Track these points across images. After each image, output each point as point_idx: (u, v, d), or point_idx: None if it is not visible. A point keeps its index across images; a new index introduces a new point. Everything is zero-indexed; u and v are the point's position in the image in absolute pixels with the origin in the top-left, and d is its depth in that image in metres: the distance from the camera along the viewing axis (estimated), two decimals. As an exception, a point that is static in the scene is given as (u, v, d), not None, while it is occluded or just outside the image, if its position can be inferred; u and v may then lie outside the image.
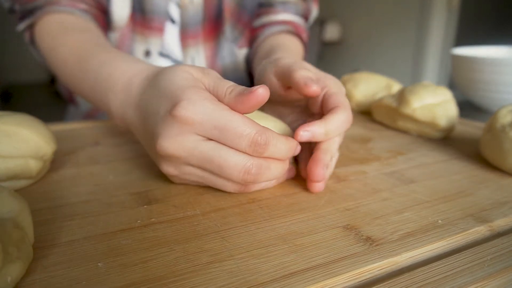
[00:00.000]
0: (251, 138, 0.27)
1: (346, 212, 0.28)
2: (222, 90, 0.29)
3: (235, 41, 0.64)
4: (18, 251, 0.21)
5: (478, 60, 0.59)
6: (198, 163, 0.29)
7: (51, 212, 0.28)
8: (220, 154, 0.28)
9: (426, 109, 0.45)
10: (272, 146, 0.28)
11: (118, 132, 0.49)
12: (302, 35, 0.65)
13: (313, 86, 0.31)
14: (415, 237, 0.25)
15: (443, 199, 0.31)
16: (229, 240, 0.25)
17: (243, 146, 0.27)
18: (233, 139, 0.27)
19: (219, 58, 0.65)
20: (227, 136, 0.27)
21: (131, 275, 0.21)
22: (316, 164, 0.31)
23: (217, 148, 0.28)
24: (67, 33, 0.47)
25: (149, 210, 0.29)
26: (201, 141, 0.28)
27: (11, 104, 3.79)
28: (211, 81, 0.30)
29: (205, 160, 0.28)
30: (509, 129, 0.35)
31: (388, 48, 2.82)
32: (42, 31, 0.50)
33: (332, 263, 0.22)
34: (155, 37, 0.60)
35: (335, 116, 0.31)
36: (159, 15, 0.59)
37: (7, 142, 0.31)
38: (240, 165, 0.28)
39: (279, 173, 0.30)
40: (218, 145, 0.28)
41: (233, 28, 0.63)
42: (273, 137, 0.28)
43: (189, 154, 0.28)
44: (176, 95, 0.28)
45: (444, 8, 2.47)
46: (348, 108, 0.32)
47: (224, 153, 0.28)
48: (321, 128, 0.30)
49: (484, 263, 0.23)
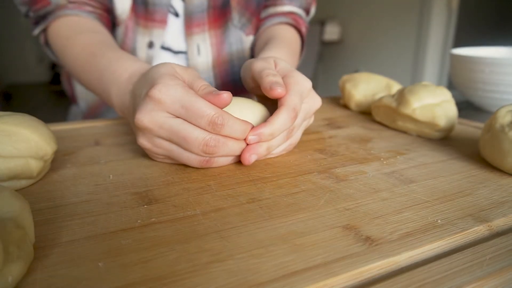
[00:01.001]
0: (210, 118, 0.32)
1: (346, 212, 0.28)
2: (196, 86, 0.35)
3: (242, 28, 0.66)
4: (19, 251, 0.21)
5: (477, 60, 0.60)
6: (167, 135, 0.34)
7: (51, 212, 0.28)
8: (185, 127, 0.33)
9: (425, 109, 0.45)
10: (228, 127, 0.33)
11: (118, 132, 0.49)
12: (301, 28, 0.68)
13: (277, 89, 0.36)
14: (414, 237, 0.25)
15: (442, 199, 0.31)
16: (229, 240, 0.25)
17: (203, 124, 0.33)
18: (196, 118, 0.33)
19: (226, 45, 0.66)
20: (191, 114, 0.33)
21: (131, 274, 0.21)
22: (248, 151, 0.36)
23: (183, 124, 0.33)
24: (79, 34, 0.53)
25: (149, 210, 0.29)
26: (170, 117, 0.33)
27: (11, 104, 3.79)
28: (190, 77, 0.37)
29: (172, 133, 0.33)
30: (508, 129, 0.35)
31: (388, 48, 2.82)
32: (55, 33, 0.56)
33: (332, 263, 0.22)
34: (158, 29, 0.61)
35: (278, 117, 0.35)
36: (161, 7, 0.60)
37: (8, 142, 0.31)
38: (201, 138, 0.33)
39: (235, 149, 0.35)
40: (184, 121, 0.33)
41: (241, 15, 0.65)
42: (229, 119, 0.33)
43: (159, 128, 0.34)
44: (155, 80, 0.34)
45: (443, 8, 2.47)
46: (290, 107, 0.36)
47: (188, 127, 0.33)
48: (267, 129, 0.35)
49: (483, 262, 0.23)
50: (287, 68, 0.40)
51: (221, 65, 0.66)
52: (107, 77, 0.46)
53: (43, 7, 0.55)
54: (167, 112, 0.33)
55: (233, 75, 0.68)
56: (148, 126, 0.34)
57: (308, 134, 0.48)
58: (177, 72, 0.36)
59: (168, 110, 0.33)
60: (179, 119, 0.33)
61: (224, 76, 0.67)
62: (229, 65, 0.67)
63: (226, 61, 0.67)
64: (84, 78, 0.52)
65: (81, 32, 0.53)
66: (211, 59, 0.65)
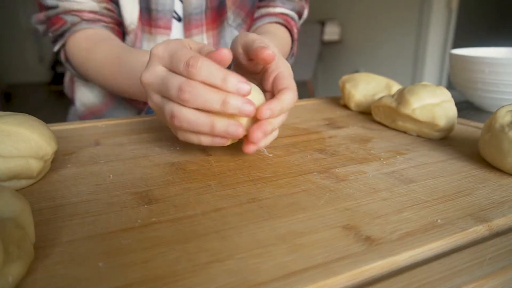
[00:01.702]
0: (185, 61, 0.32)
1: (346, 212, 0.28)
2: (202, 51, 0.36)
3: (237, 28, 0.67)
4: (19, 251, 0.21)
5: (477, 61, 0.60)
6: (158, 87, 0.34)
7: (52, 212, 0.28)
8: (168, 76, 0.33)
9: (425, 109, 0.45)
10: (204, 70, 0.31)
11: (118, 132, 0.49)
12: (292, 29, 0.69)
13: (268, 50, 0.36)
14: (414, 237, 0.25)
15: (442, 198, 0.31)
16: (229, 240, 0.25)
17: (181, 67, 0.32)
18: (176, 63, 0.32)
19: (222, 45, 0.67)
20: (173, 60, 0.33)
21: (131, 274, 0.21)
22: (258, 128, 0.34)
23: (168, 73, 0.33)
24: (98, 43, 0.56)
25: (149, 210, 0.29)
26: (163, 70, 0.34)
27: (11, 104, 3.79)
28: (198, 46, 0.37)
29: (160, 84, 0.34)
30: (508, 129, 0.35)
31: (388, 48, 2.82)
32: (74, 47, 0.58)
33: (332, 262, 0.22)
34: (162, 35, 0.62)
35: (286, 95, 0.36)
36: (165, 14, 0.60)
37: (8, 142, 0.31)
38: (177, 83, 0.32)
39: (212, 99, 0.31)
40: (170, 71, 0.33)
41: (236, 15, 0.65)
42: (205, 61, 0.31)
43: (153, 82, 0.34)
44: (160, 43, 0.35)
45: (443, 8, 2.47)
46: (295, 90, 0.37)
47: (170, 76, 0.33)
48: (278, 105, 0.35)
49: (483, 262, 0.23)
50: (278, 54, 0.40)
51: None
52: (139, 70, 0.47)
53: (60, 26, 0.57)
54: (162, 66, 0.34)
55: None
56: (146, 81, 0.35)
57: (308, 134, 0.48)
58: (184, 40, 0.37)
59: (161, 63, 0.34)
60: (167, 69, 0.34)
61: None
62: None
63: None
64: (113, 82, 0.54)
65: (100, 41, 0.56)
66: None
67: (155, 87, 0.34)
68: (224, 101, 0.31)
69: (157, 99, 0.35)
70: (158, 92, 0.35)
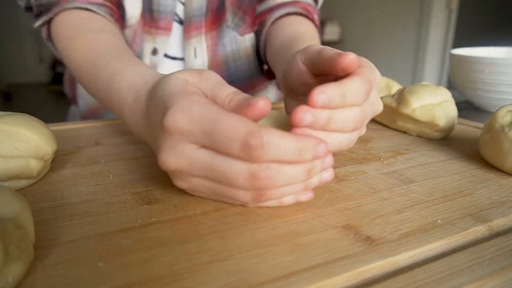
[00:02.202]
0: (242, 141, 0.23)
1: (346, 212, 0.28)
2: (221, 98, 0.27)
3: (236, 28, 0.64)
4: (19, 251, 0.21)
5: (477, 60, 0.60)
6: (202, 173, 0.26)
7: (51, 212, 0.28)
8: (220, 160, 0.25)
9: (425, 109, 0.45)
10: (272, 148, 0.24)
11: (118, 132, 0.49)
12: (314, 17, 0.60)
13: (348, 55, 0.28)
14: (414, 237, 0.25)
15: (442, 198, 0.31)
16: (229, 239, 0.25)
17: (236, 151, 0.24)
18: (225, 145, 0.24)
19: (220, 46, 0.65)
20: (218, 141, 0.24)
21: (131, 274, 0.21)
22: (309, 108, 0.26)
23: (216, 156, 0.25)
24: (81, 34, 0.47)
25: (149, 210, 0.29)
26: (197, 149, 0.25)
27: (11, 104, 3.79)
28: (209, 86, 0.28)
29: (207, 169, 0.26)
30: (508, 129, 0.35)
31: (388, 48, 2.83)
32: (58, 30, 0.50)
33: (332, 262, 0.22)
34: (162, 36, 0.61)
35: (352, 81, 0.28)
36: (166, 15, 0.59)
37: (8, 142, 0.31)
38: (244, 170, 0.24)
39: (297, 176, 0.25)
40: (214, 152, 0.25)
41: (234, 15, 0.63)
42: (270, 136, 0.23)
43: (189, 165, 0.26)
44: (166, 103, 0.26)
45: (443, 9, 2.47)
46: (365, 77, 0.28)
47: (223, 159, 0.25)
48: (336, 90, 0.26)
49: (483, 262, 0.23)
50: None
51: (216, 67, 0.66)
52: (114, 96, 0.38)
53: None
54: (191, 144, 0.25)
55: (229, 77, 0.67)
56: (177, 167, 0.26)
57: (308, 134, 0.48)
58: (189, 83, 0.28)
59: (190, 141, 0.25)
60: (208, 150, 0.25)
61: None
62: (225, 67, 0.67)
63: (221, 63, 0.66)
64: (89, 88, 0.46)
65: (84, 31, 0.47)
66: (207, 61, 0.64)
67: (195, 172, 0.26)
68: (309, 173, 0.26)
69: (201, 183, 0.27)
70: (203, 176, 0.27)
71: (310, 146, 0.25)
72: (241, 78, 0.68)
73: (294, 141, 0.24)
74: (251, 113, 0.25)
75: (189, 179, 0.27)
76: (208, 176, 0.26)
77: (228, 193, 0.27)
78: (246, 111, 0.25)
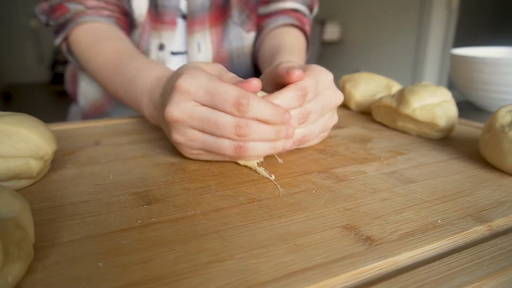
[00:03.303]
0: (234, 99, 0.32)
1: (346, 212, 0.28)
2: (225, 78, 0.35)
3: (242, 25, 0.66)
4: (19, 251, 0.21)
5: (477, 60, 0.60)
6: (199, 124, 0.34)
7: (51, 212, 0.28)
8: (214, 114, 0.33)
9: (425, 109, 0.45)
10: (255, 107, 0.32)
11: (118, 132, 0.49)
12: (306, 28, 0.67)
13: (295, 72, 0.35)
14: (414, 237, 0.25)
15: (442, 199, 0.31)
16: (229, 240, 0.25)
17: (229, 107, 0.32)
18: (221, 102, 0.32)
19: (226, 42, 0.66)
20: (216, 99, 0.32)
21: (131, 274, 0.21)
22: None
23: (211, 110, 0.33)
24: (101, 42, 0.54)
25: (149, 210, 0.29)
26: (198, 106, 0.33)
27: (11, 104, 3.79)
28: (217, 71, 0.37)
29: (203, 120, 0.33)
30: (508, 129, 0.35)
31: (388, 48, 2.82)
32: (76, 42, 0.57)
33: (332, 263, 0.22)
34: (167, 31, 0.62)
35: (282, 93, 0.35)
36: (170, 10, 0.61)
37: (8, 142, 0.31)
38: (232, 121, 0.33)
39: (268, 133, 0.34)
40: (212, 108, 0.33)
41: (241, 12, 0.64)
42: (255, 99, 0.32)
43: (189, 117, 0.33)
44: (180, 72, 0.35)
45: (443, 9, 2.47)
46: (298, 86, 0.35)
47: (218, 113, 0.33)
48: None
49: (483, 262, 0.23)
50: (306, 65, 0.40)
51: (221, 63, 0.66)
52: (137, 86, 0.46)
53: (62, 15, 0.56)
54: (194, 101, 0.33)
55: (233, 73, 0.67)
56: (178, 118, 0.33)
57: (308, 134, 0.48)
58: (202, 67, 0.36)
59: (194, 98, 0.33)
60: (206, 107, 0.33)
61: None
62: (229, 63, 0.67)
63: (226, 59, 0.67)
64: (111, 87, 0.53)
65: (102, 39, 0.54)
66: (211, 57, 0.65)
67: (193, 124, 0.34)
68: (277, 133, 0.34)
69: (195, 135, 0.35)
70: (199, 128, 0.34)
71: (280, 112, 0.33)
72: (244, 74, 0.69)
73: (271, 107, 0.33)
74: (246, 87, 0.33)
75: (185, 131, 0.35)
76: (202, 127, 0.34)
77: (216, 144, 0.34)
78: (243, 85, 0.33)
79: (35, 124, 0.34)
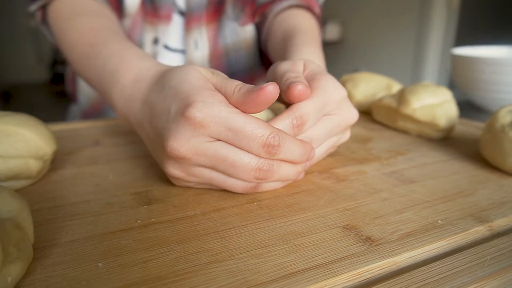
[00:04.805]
0: (265, 139, 0.27)
1: (346, 212, 0.28)
2: (230, 88, 0.29)
3: (236, 19, 0.64)
4: (18, 251, 0.21)
5: (478, 60, 0.59)
6: (211, 163, 0.28)
7: (51, 212, 0.28)
8: (234, 152, 0.28)
9: (426, 109, 0.45)
10: (286, 148, 0.28)
11: (118, 132, 0.49)
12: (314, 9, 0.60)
13: (296, 88, 0.30)
14: (414, 237, 0.25)
15: (442, 199, 0.31)
16: (229, 240, 0.25)
17: (255, 148, 0.27)
18: (247, 141, 0.27)
19: (221, 37, 0.65)
20: (241, 137, 0.27)
21: (131, 275, 0.21)
22: None
23: (230, 147, 0.28)
24: (79, 16, 0.47)
25: (149, 210, 0.29)
26: (212, 142, 0.28)
27: (11, 104, 3.79)
28: (219, 80, 0.30)
29: (218, 159, 0.28)
30: (508, 129, 0.35)
31: (388, 48, 2.82)
32: (55, 13, 0.50)
33: (332, 263, 0.22)
34: (163, 25, 0.61)
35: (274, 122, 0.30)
36: (166, 3, 0.60)
37: (7, 142, 0.31)
38: (253, 163, 0.28)
39: (289, 174, 0.30)
40: (231, 145, 0.28)
41: (234, 6, 0.63)
42: (286, 139, 0.28)
43: (201, 155, 0.28)
44: (190, 96, 0.28)
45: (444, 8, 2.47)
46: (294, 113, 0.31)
47: (237, 152, 0.28)
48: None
49: (483, 263, 0.23)
50: (317, 71, 0.34)
51: (217, 59, 0.66)
52: (107, 75, 0.38)
53: None
54: (210, 137, 0.28)
55: (230, 68, 0.67)
56: (186, 156, 0.28)
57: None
58: (208, 80, 0.30)
59: (211, 134, 0.27)
60: (222, 142, 0.28)
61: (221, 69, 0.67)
62: (225, 58, 0.67)
63: (222, 54, 0.66)
64: (82, 72, 0.45)
65: (82, 13, 0.47)
66: (207, 53, 0.65)
67: (202, 161, 0.28)
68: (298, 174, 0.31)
69: (201, 173, 0.30)
70: (209, 166, 0.29)
71: (308, 150, 0.30)
72: (241, 69, 0.68)
73: (300, 146, 0.29)
74: (262, 96, 0.27)
75: (189, 168, 0.29)
76: (214, 165, 0.29)
77: (225, 183, 0.30)
78: (256, 95, 0.27)
79: (35, 124, 0.34)
